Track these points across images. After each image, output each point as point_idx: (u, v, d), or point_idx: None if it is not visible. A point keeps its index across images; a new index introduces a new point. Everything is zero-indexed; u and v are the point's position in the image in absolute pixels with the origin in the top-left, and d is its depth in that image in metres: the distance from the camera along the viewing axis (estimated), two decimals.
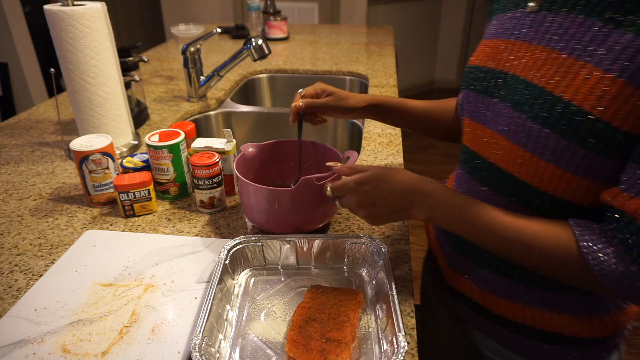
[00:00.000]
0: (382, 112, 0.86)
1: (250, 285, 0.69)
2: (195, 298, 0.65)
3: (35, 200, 0.91)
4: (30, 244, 0.78)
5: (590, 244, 0.50)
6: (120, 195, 0.82)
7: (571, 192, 0.54)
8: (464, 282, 0.71)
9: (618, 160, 0.49)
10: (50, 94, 2.94)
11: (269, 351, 0.58)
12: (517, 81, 0.56)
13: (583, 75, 0.49)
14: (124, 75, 1.12)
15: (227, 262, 0.67)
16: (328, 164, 0.68)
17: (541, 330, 0.64)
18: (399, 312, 0.56)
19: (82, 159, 0.83)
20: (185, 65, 1.33)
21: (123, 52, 1.17)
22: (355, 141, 1.35)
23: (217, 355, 0.56)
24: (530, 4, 0.56)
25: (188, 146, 0.92)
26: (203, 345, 0.53)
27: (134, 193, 0.83)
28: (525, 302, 0.64)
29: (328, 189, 0.64)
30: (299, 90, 0.85)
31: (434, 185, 0.59)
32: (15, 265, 0.73)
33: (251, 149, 0.84)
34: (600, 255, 0.49)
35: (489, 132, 0.61)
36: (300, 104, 0.81)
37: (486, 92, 0.61)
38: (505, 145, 0.58)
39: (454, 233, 0.61)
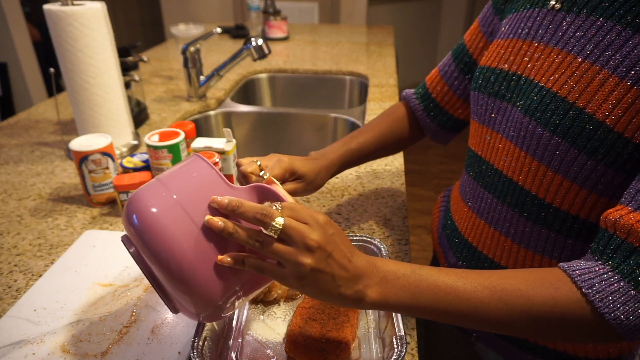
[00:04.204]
0: (351, 165, 0.78)
1: None
2: None
3: (34, 200, 0.91)
4: (30, 244, 0.78)
5: (595, 286, 0.43)
6: (120, 195, 0.82)
7: (577, 206, 0.52)
8: None
9: (629, 175, 0.47)
10: (50, 94, 2.94)
11: (268, 351, 0.58)
12: (530, 85, 0.54)
13: (598, 82, 0.46)
14: (123, 75, 1.12)
15: None
16: (264, 178, 0.49)
17: (544, 347, 0.62)
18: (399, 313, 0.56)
19: (81, 159, 0.83)
20: (185, 65, 1.33)
21: (123, 52, 1.17)
22: None
23: (217, 355, 0.56)
24: (552, 2, 0.54)
25: (188, 146, 0.92)
26: (203, 345, 0.53)
27: None
28: None
29: (278, 204, 0.45)
30: (259, 168, 0.63)
31: (379, 258, 0.48)
32: (15, 266, 0.73)
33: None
34: (611, 297, 0.42)
35: (497, 137, 0.59)
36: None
37: (497, 95, 0.59)
38: (513, 151, 0.56)
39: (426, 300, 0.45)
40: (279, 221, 0.42)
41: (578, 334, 0.45)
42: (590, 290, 0.43)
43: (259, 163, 0.63)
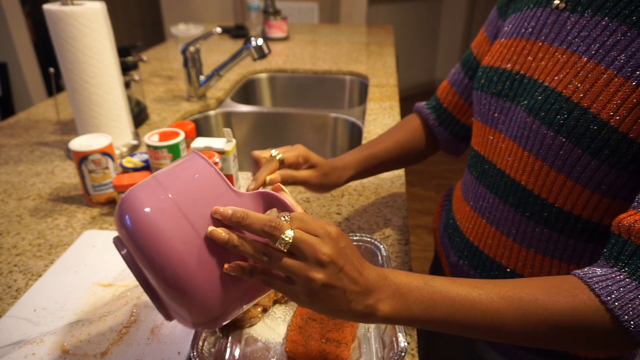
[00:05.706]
0: (368, 173, 0.78)
1: None
2: None
3: (34, 200, 0.90)
4: (30, 244, 0.78)
5: (613, 293, 0.42)
6: (120, 195, 0.82)
7: (580, 206, 0.52)
8: None
9: (632, 175, 0.47)
10: (50, 94, 2.94)
11: (268, 351, 0.57)
12: (534, 84, 0.54)
13: (603, 82, 0.46)
14: (123, 75, 1.12)
15: None
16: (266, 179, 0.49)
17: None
18: None
19: (81, 159, 0.83)
20: (185, 65, 1.33)
21: (122, 51, 1.17)
22: (355, 141, 1.34)
23: (217, 355, 0.56)
24: (556, 2, 0.54)
25: (188, 146, 0.92)
26: (203, 345, 0.53)
27: None
28: None
29: (287, 214, 0.42)
30: (273, 152, 0.63)
31: (391, 270, 0.46)
32: (15, 266, 0.73)
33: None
34: (630, 304, 0.41)
35: (500, 137, 0.59)
36: (276, 176, 0.61)
37: (500, 95, 0.59)
38: (516, 151, 0.56)
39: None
40: (289, 234, 0.40)
41: (597, 343, 0.44)
42: (609, 298, 0.42)
43: (273, 151, 0.63)
